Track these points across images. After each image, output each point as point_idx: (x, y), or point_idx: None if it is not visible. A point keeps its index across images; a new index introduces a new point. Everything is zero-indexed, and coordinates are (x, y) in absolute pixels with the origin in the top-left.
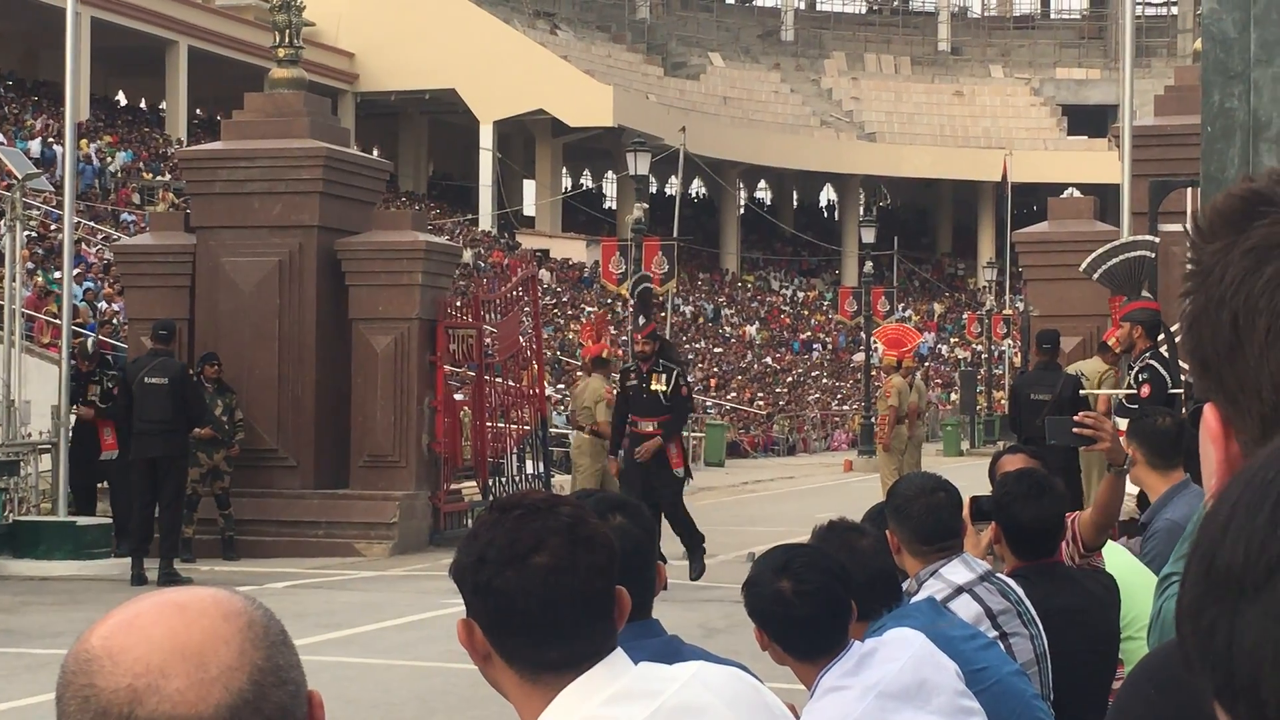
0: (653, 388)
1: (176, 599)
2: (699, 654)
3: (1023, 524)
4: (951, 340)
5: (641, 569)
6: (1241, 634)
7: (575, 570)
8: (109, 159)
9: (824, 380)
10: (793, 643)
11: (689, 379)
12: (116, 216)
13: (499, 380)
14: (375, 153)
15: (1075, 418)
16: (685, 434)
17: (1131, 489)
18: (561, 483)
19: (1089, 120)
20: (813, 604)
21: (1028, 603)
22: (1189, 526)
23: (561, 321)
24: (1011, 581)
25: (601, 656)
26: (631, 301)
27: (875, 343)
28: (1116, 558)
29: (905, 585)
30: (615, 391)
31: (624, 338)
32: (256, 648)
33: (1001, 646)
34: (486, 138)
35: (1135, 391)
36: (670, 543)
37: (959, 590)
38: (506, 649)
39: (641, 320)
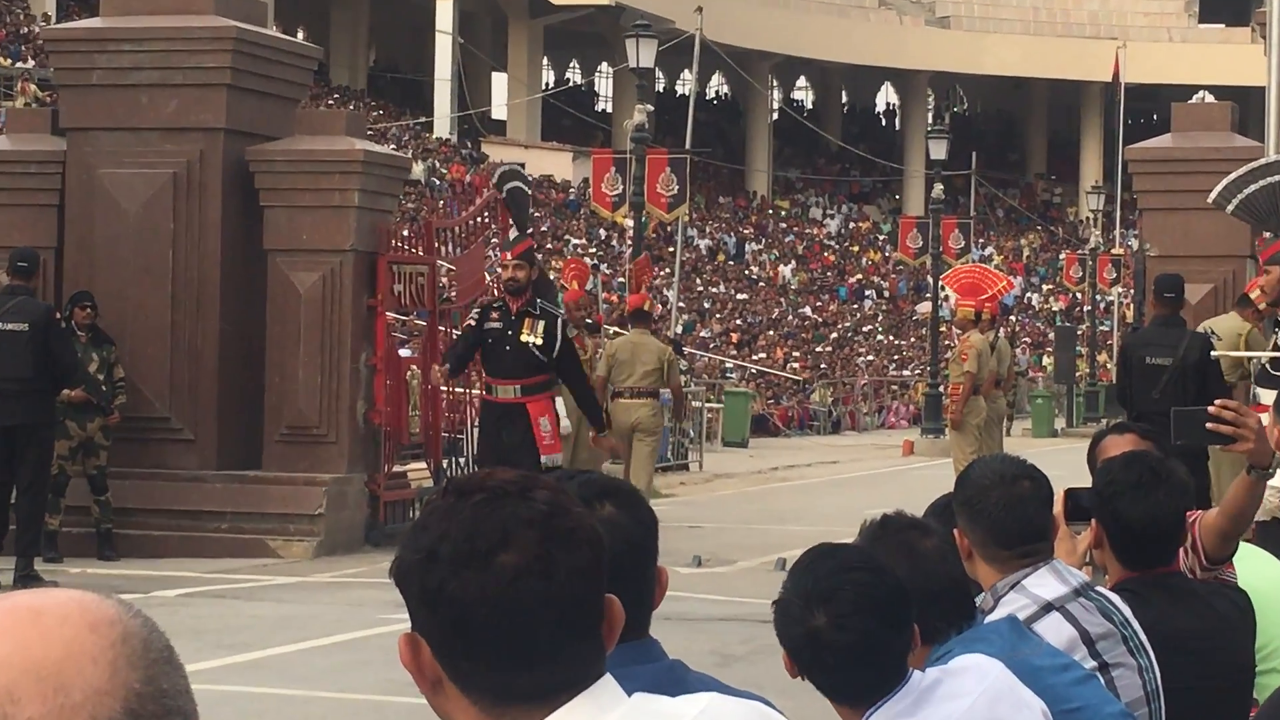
0: (522, 337)
1: (30, 603)
2: (709, 684)
3: (1131, 523)
4: (1045, 287)
5: (636, 574)
6: None
7: (551, 574)
8: None
9: (879, 337)
10: (828, 685)
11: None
12: None
13: (457, 332)
14: (300, 35)
15: (1210, 409)
16: (698, 404)
17: (1276, 481)
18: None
19: (1225, 5)
20: (854, 653)
21: (1135, 624)
22: None
23: (539, 257)
24: (1115, 597)
25: (584, 685)
26: (500, 196)
27: (945, 289)
28: (1254, 568)
29: (979, 600)
30: (467, 325)
31: (620, 279)
32: (133, 667)
33: (1101, 680)
34: (444, 17)
35: None
36: (673, 542)
37: (1047, 607)
38: (461, 674)
39: (512, 234)
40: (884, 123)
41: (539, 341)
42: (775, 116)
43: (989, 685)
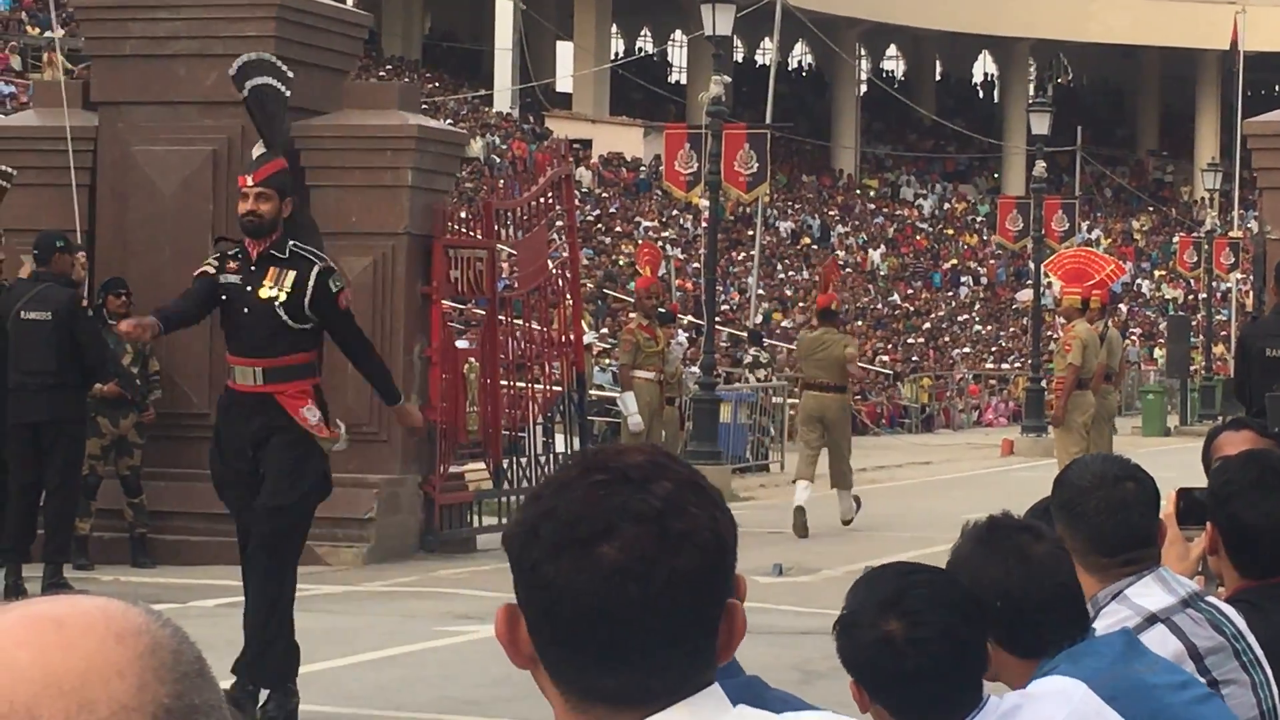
0: (263, 292)
1: (52, 612)
2: (789, 702)
3: (1249, 527)
4: (1156, 273)
5: None
6: None
7: (651, 576)
8: None
9: (975, 328)
10: (904, 704)
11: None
12: None
13: (519, 322)
14: (350, 2)
15: None
16: (779, 400)
17: None
18: None
19: None
20: (932, 653)
21: (1250, 638)
22: None
23: (607, 241)
24: (1227, 608)
25: (683, 694)
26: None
27: (1049, 276)
28: None
29: None
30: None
31: (695, 264)
32: (162, 680)
33: (1221, 698)
34: None
35: None
36: (752, 549)
37: (1151, 620)
38: (552, 660)
39: (258, 150)
40: (981, 95)
41: (283, 297)
42: (863, 89)
43: (1072, 710)
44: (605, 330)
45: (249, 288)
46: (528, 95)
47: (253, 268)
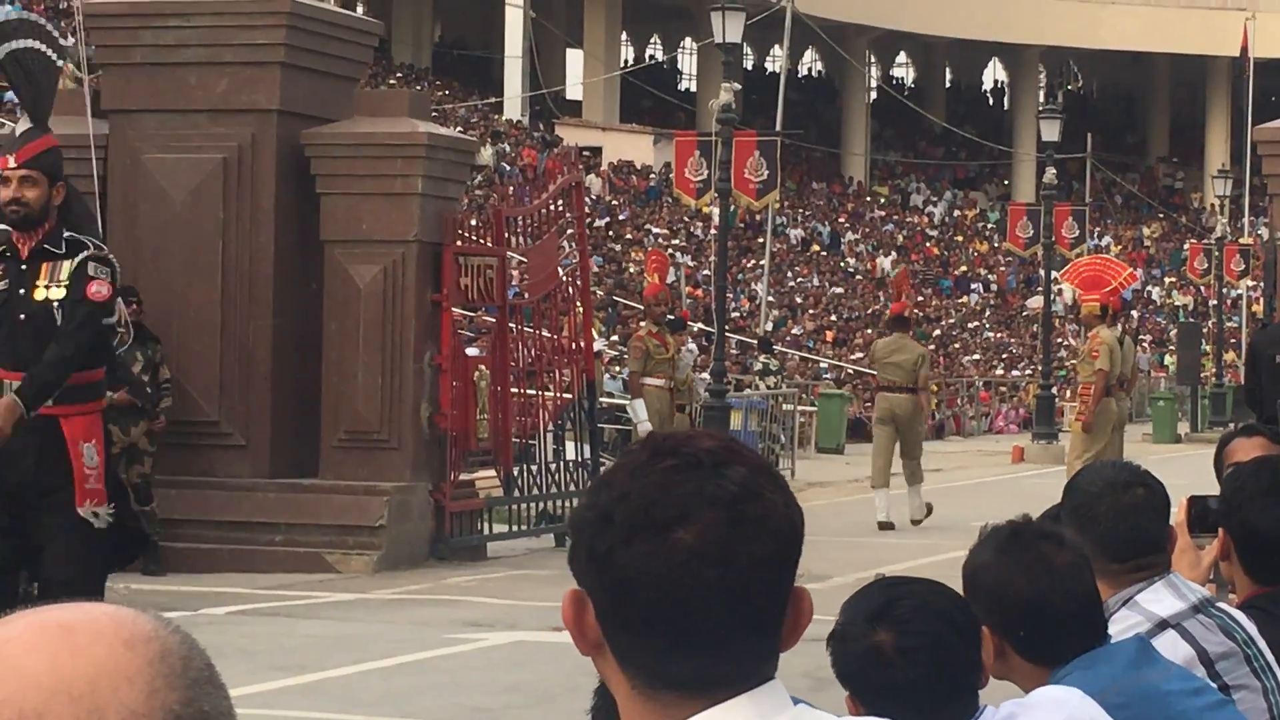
0: (36, 294)
1: (61, 619)
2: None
3: (1261, 533)
4: (1167, 280)
5: None
6: None
7: (729, 560)
8: None
9: (986, 334)
10: (896, 715)
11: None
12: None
13: (529, 329)
14: (360, 10)
15: None
16: (789, 407)
17: None
18: None
19: None
20: (922, 663)
21: (1261, 643)
22: None
23: (617, 248)
24: (1238, 614)
25: (749, 684)
26: None
27: (1060, 283)
28: None
29: None
30: None
31: (705, 271)
32: (172, 687)
33: (1235, 705)
34: None
35: None
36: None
37: (1162, 625)
38: (621, 645)
39: (21, 125)
40: (991, 102)
41: (63, 294)
42: (873, 96)
43: (1067, 717)
44: (616, 338)
45: (21, 290)
46: (538, 103)
47: (23, 266)
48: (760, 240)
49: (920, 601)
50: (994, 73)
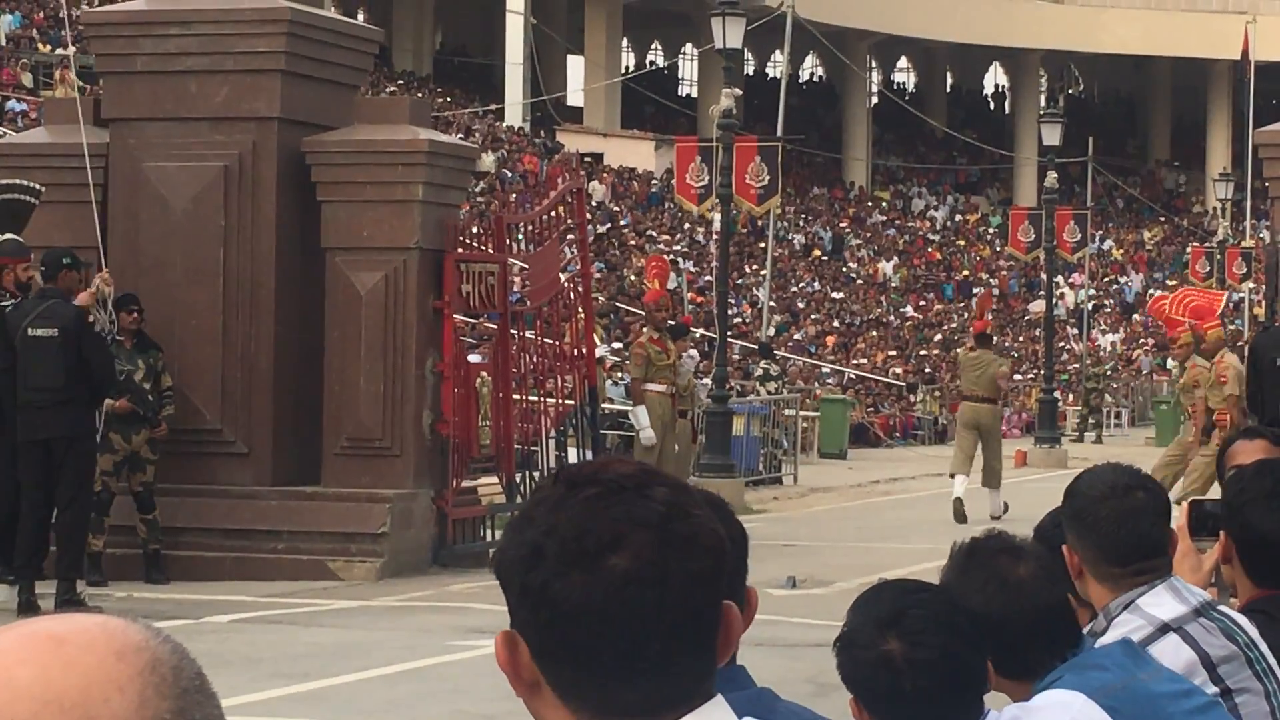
0: None
1: (51, 630)
2: (799, 714)
3: (1263, 536)
4: (1169, 283)
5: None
6: None
7: (665, 581)
8: None
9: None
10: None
11: None
12: (0, 104)
13: (531, 336)
14: (361, 17)
15: None
16: (791, 413)
17: None
18: None
19: None
20: (931, 675)
21: (1263, 646)
22: None
23: (619, 254)
24: (1239, 617)
25: (693, 703)
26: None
27: (1070, 287)
28: None
29: (1090, 624)
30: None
31: (707, 277)
32: (163, 696)
33: (1225, 706)
34: None
35: None
36: (765, 562)
37: (1164, 629)
38: (562, 680)
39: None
40: (993, 106)
41: None
42: (874, 100)
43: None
44: (619, 344)
45: None
46: (539, 109)
47: None
48: (762, 245)
49: (930, 612)
50: (995, 77)
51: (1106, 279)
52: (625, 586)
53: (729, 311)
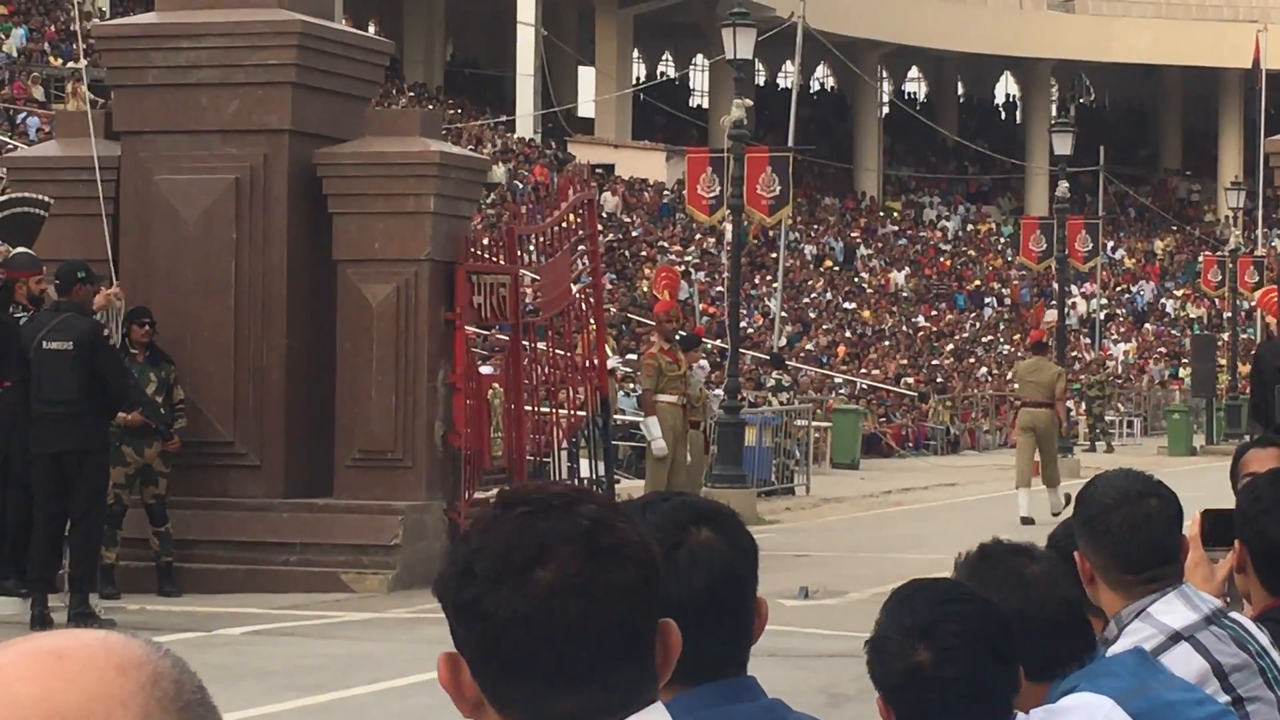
0: None
1: (53, 646)
2: None
3: (1277, 544)
4: (1180, 293)
5: (734, 605)
6: None
7: (590, 591)
8: (1, 38)
9: (1000, 348)
10: None
11: None
12: (11, 118)
13: (543, 347)
14: (372, 29)
15: None
16: (803, 423)
17: None
18: (630, 489)
19: None
20: (960, 690)
21: (1275, 655)
22: None
23: (631, 265)
24: (1251, 624)
25: (629, 711)
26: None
27: (1074, 296)
28: None
29: (1102, 632)
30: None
31: (718, 287)
32: (165, 710)
33: (1236, 715)
34: (526, 8)
35: None
36: (777, 573)
37: (1175, 637)
38: (499, 694)
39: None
40: (1004, 116)
41: None
42: (885, 110)
43: None
44: (631, 355)
45: None
46: (550, 121)
47: None
48: (773, 256)
49: (964, 626)
50: (1006, 87)
51: (1119, 288)
52: (551, 598)
53: (741, 322)
